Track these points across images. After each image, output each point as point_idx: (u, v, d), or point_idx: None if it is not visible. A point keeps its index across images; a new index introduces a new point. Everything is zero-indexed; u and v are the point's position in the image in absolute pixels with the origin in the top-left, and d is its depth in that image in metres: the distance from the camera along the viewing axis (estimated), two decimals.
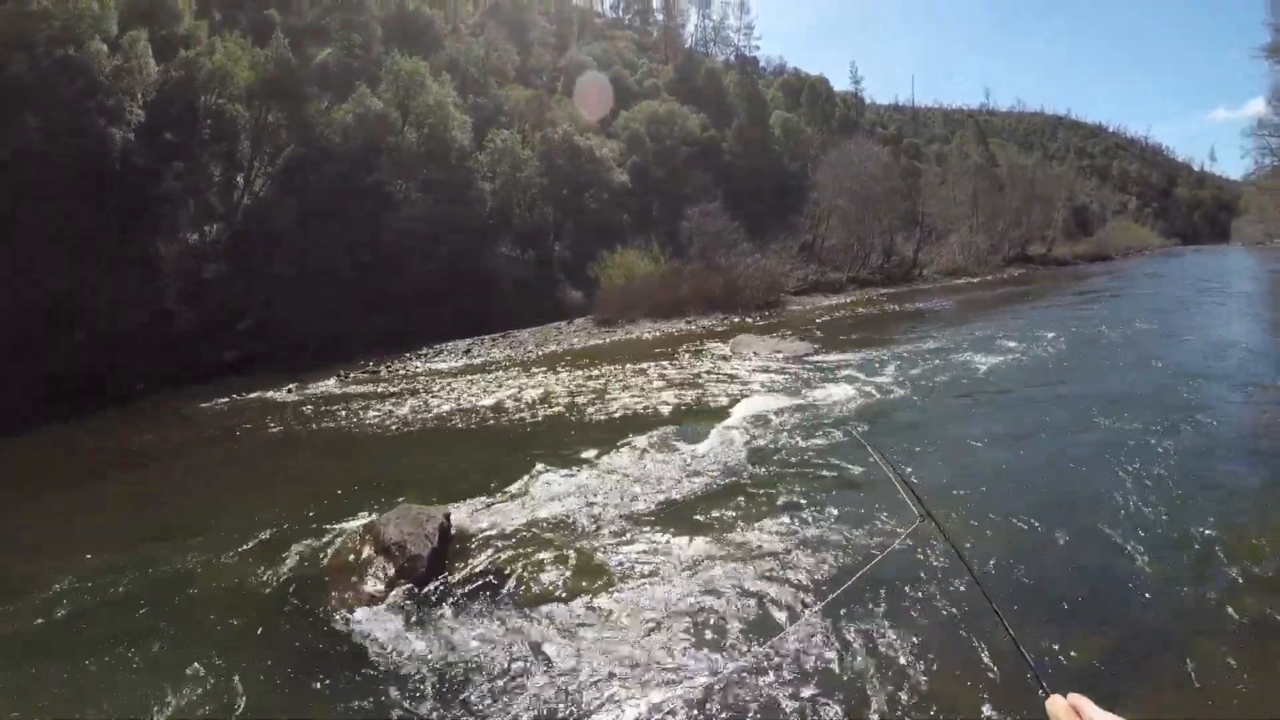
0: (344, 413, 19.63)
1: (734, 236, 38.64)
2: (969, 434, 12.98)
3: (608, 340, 29.68)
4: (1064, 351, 20.64)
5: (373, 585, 8.38)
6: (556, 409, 17.70)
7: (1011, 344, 22.06)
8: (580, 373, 22.32)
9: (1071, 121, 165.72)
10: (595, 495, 10.94)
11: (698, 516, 9.81)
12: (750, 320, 32.72)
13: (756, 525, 9.36)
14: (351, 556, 9.04)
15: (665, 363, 22.94)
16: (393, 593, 8.22)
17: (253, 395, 23.37)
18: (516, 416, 17.42)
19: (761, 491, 10.55)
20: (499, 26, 62.66)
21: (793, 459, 11.96)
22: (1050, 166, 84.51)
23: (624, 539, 9.28)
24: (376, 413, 19.23)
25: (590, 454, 13.02)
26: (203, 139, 34.09)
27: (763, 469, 11.57)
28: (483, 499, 11.09)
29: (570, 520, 10.00)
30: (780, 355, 22.55)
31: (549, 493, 11.18)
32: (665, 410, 16.48)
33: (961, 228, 58.44)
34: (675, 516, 9.91)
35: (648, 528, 9.55)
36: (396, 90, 39.50)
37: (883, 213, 50.65)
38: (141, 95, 30.56)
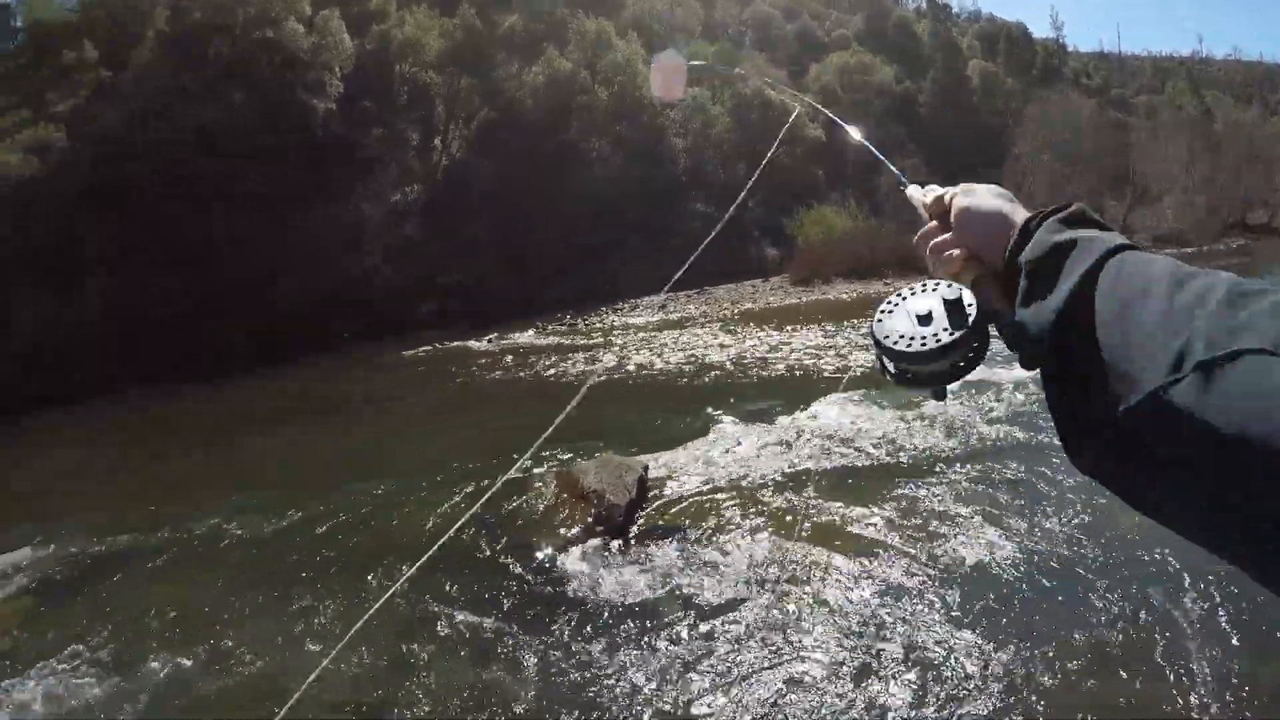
0: (541, 363, 19.89)
1: None
2: None
3: (803, 300, 29.00)
4: None
5: (569, 530, 8.36)
6: (751, 366, 17.28)
7: None
8: (775, 331, 21.80)
9: None
10: (794, 454, 10.41)
11: (906, 480, 9.09)
12: None
13: (964, 495, 8.63)
14: (548, 501, 9.06)
15: (863, 324, 22.12)
16: (589, 539, 8.14)
17: (453, 345, 24.14)
18: (710, 372, 17.11)
19: (972, 462, 9.79)
20: None
21: (1008, 430, 11.09)
22: (1272, 122, 77.18)
23: (827, 499, 8.72)
24: (572, 364, 19.36)
25: (788, 411, 12.45)
26: (399, 106, 35.39)
27: (969, 438, 10.76)
28: (678, 453, 10.82)
29: (767, 480, 9.49)
30: None
31: (745, 449, 10.76)
32: (863, 372, 15.82)
33: (1174, 190, 54.07)
34: (880, 479, 9.24)
35: (853, 489, 8.96)
36: (584, 51, 39.66)
37: (1089, 171, 47.65)
38: (339, 68, 32.08)
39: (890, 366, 1.09)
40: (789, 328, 22.11)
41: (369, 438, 14.88)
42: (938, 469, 9.48)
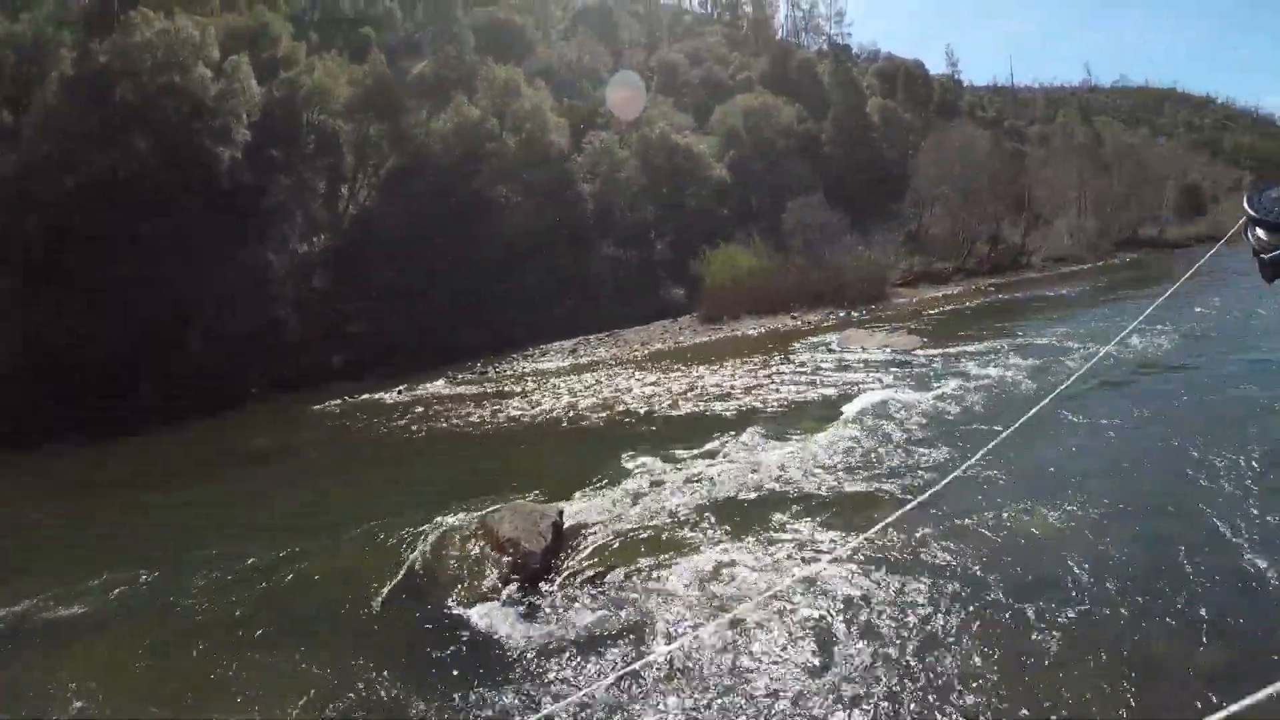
0: (453, 413, 19.94)
1: (837, 228, 38.02)
2: (1098, 423, 12.36)
3: (712, 337, 29.49)
4: (1193, 336, 18.72)
5: (487, 581, 8.41)
6: (663, 406, 17.55)
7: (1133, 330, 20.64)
8: (686, 370, 22.16)
9: (1179, 94, 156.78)
10: (706, 491, 10.75)
11: (809, 510, 9.51)
12: (856, 314, 31.96)
13: (870, 516, 8.95)
14: (465, 552, 9.08)
15: (772, 359, 22.59)
16: (507, 589, 8.22)
17: (363, 397, 24.06)
18: (624, 414, 17.34)
19: (876, 485, 10.25)
20: (589, 29, 62.98)
21: (907, 453, 11.60)
22: (1159, 143, 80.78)
23: (739, 534, 9.06)
24: (485, 412, 19.46)
25: (701, 450, 12.80)
26: (306, 154, 35.18)
27: (878, 464, 11.22)
28: (592, 496, 11.05)
29: (682, 516, 9.85)
30: (889, 349, 22.01)
31: (659, 489, 11.05)
32: (774, 406, 16.16)
33: (1069, 212, 56.23)
34: (788, 510, 9.61)
35: (761, 523, 9.29)
36: (493, 98, 40.06)
37: (987, 200, 49.22)
38: (246, 115, 31.89)
39: (1256, 232, 1.25)
40: (698, 367, 22.49)
41: (280, 495, 14.71)
42: (840, 496, 9.91)
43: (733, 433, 13.66)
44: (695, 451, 12.80)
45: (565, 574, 8.62)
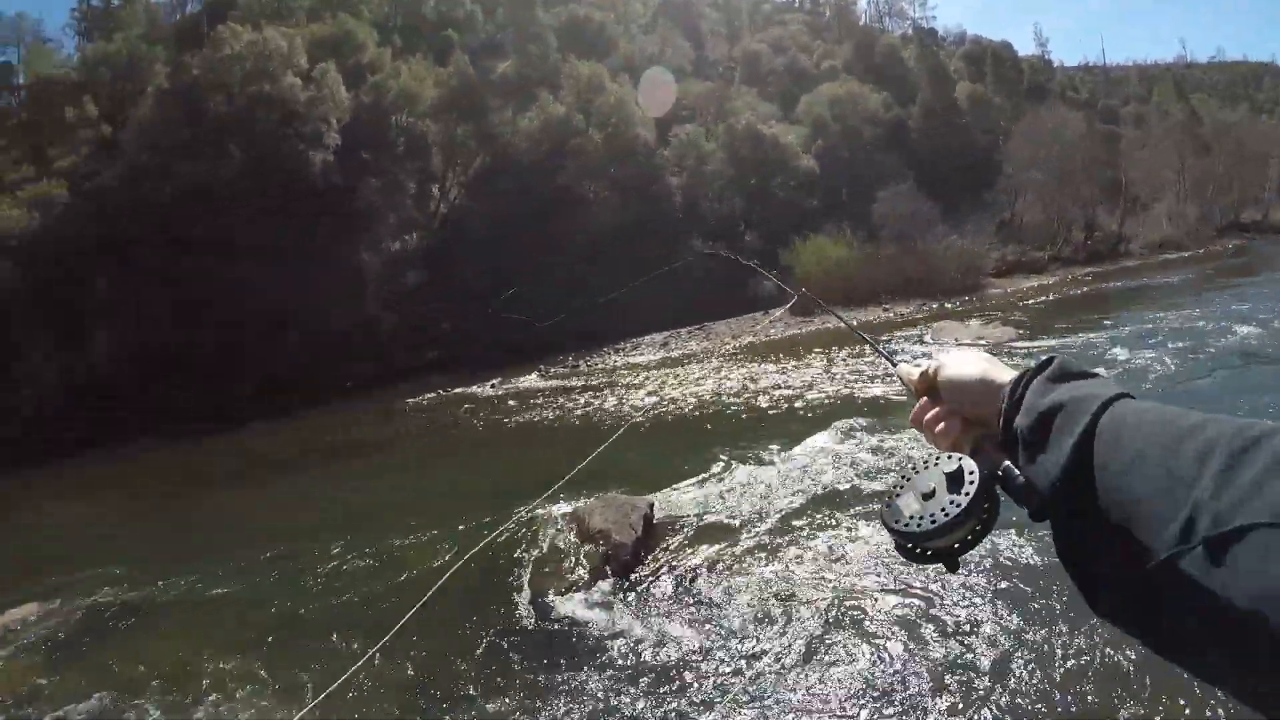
0: (545, 406, 20.21)
1: (928, 218, 37.41)
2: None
3: (804, 330, 29.15)
4: None
5: (578, 572, 8.48)
6: (755, 399, 17.37)
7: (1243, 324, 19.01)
8: (778, 363, 21.93)
9: (1278, 68, 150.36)
10: (800, 484, 10.61)
11: None
12: (949, 305, 31.27)
13: None
14: (557, 543, 9.20)
15: (864, 351, 22.36)
16: (598, 580, 8.24)
17: (457, 391, 24.49)
18: (715, 408, 17.22)
19: None
20: (670, 23, 62.89)
21: None
22: (1260, 121, 76.79)
23: (834, 527, 8.91)
24: (577, 405, 19.63)
25: (794, 443, 12.61)
26: (397, 155, 35.94)
27: None
28: (683, 490, 11.03)
29: (775, 509, 9.72)
30: (984, 342, 21.54)
31: (750, 483, 10.94)
32: (867, 399, 15.84)
33: (1167, 196, 54.10)
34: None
35: (858, 516, 9.09)
36: (577, 94, 40.35)
37: (1082, 184, 47.73)
38: (336, 120, 32.76)
39: (903, 545, 1.11)
40: (790, 359, 22.26)
41: (378, 486, 15.02)
42: None
43: (827, 425, 13.37)
44: (789, 444, 12.62)
45: (656, 566, 8.59)
